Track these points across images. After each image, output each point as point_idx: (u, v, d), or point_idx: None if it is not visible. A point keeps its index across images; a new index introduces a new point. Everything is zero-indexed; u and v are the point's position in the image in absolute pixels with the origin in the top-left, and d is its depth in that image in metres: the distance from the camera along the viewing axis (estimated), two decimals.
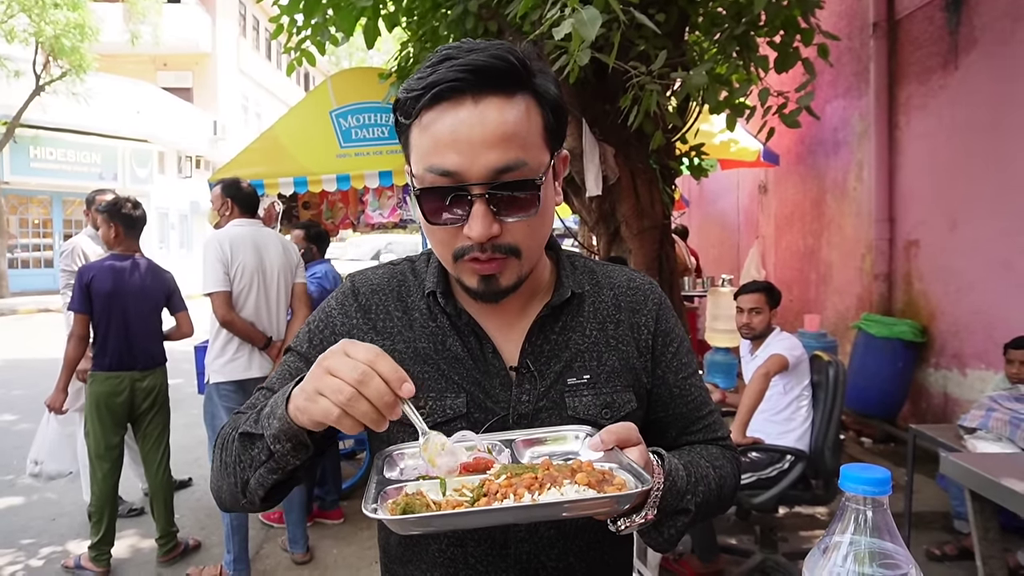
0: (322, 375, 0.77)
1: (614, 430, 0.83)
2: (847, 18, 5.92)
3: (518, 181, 0.86)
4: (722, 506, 1.06)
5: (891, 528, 0.59)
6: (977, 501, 2.37)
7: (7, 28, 13.17)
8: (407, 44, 4.57)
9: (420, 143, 0.87)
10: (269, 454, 0.85)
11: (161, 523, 3.63)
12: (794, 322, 6.37)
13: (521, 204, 0.87)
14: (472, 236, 0.86)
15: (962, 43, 4.66)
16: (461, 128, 0.84)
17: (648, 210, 4.05)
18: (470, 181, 0.84)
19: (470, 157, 0.83)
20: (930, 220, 5.06)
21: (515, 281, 0.93)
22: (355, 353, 0.77)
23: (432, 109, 0.85)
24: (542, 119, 0.90)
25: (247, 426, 0.88)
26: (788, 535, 3.73)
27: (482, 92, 0.84)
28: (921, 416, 5.12)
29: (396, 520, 0.73)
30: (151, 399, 3.59)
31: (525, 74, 0.87)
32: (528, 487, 0.75)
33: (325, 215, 6.69)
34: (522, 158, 0.86)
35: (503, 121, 0.84)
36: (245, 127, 24.21)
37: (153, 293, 3.59)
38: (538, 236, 0.93)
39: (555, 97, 0.92)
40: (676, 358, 1.07)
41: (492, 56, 0.84)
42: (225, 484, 0.94)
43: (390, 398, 0.75)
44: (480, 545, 0.97)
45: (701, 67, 3.10)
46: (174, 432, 3.83)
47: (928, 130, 5.04)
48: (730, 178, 8.68)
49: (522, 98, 0.87)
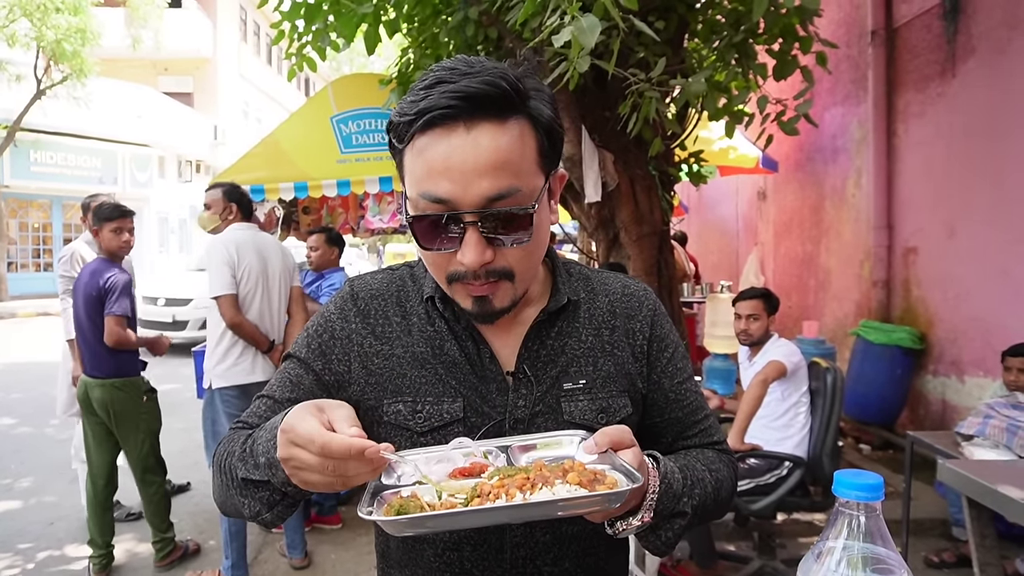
0: (296, 471, 0.78)
1: (608, 432, 0.84)
2: (845, 26, 5.95)
3: (511, 209, 0.86)
4: (719, 509, 1.06)
5: (884, 534, 0.59)
6: (974, 508, 2.37)
7: (9, 32, 13.21)
8: (407, 50, 4.58)
9: (414, 168, 0.88)
10: (283, 495, 0.87)
11: (153, 528, 3.63)
12: (792, 328, 6.37)
13: (514, 230, 0.87)
14: (465, 263, 0.87)
15: (960, 51, 4.68)
16: (454, 155, 0.84)
17: (647, 216, 4.06)
18: (463, 209, 0.85)
19: (463, 185, 0.84)
20: (928, 227, 5.07)
21: (509, 303, 0.93)
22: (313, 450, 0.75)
23: (425, 134, 0.85)
24: (536, 143, 0.90)
25: (247, 471, 0.88)
26: (786, 541, 3.73)
27: (474, 118, 0.84)
28: (919, 423, 5.12)
29: (390, 521, 0.73)
30: (104, 411, 3.48)
31: (518, 99, 0.87)
32: (520, 487, 0.76)
33: (325, 220, 6.70)
34: (515, 185, 0.86)
35: (496, 148, 0.84)
36: (245, 132, 24.23)
37: (96, 296, 3.46)
38: (532, 259, 0.93)
39: (549, 119, 0.91)
40: (671, 363, 1.08)
41: (485, 82, 0.84)
42: (231, 504, 0.94)
43: (368, 475, 0.77)
44: (476, 549, 0.98)
45: (700, 74, 3.12)
46: (172, 436, 3.84)
47: (926, 137, 5.06)
48: (729, 184, 8.70)
49: (516, 123, 0.87)
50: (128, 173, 18.70)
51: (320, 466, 0.74)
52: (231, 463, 0.91)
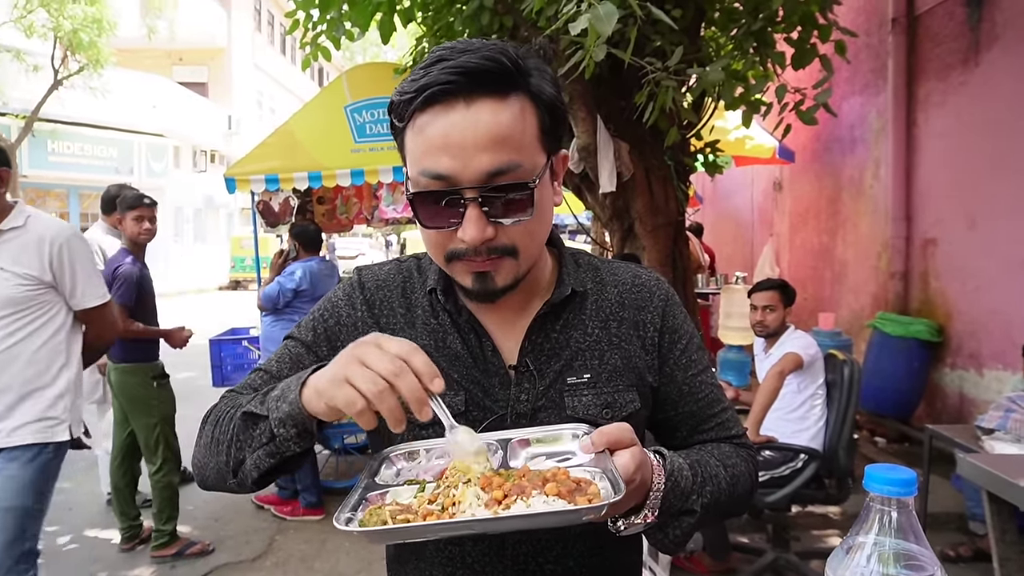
0: (353, 363, 0.76)
1: (606, 431, 0.81)
2: (865, 14, 5.86)
3: (511, 184, 0.85)
4: (736, 506, 1.03)
5: (916, 529, 0.58)
6: (995, 503, 2.35)
7: (26, 23, 13.30)
8: (422, 39, 4.57)
9: (414, 146, 0.87)
10: (271, 436, 0.83)
11: (153, 516, 3.66)
12: (808, 320, 6.32)
13: (515, 207, 0.86)
14: (466, 240, 0.85)
15: (983, 39, 4.60)
16: (453, 131, 0.83)
17: (662, 207, 4.03)
18: (463, 185, 0.84)
19: (462, 161, 0.83)
20: (948, 219, 5.00)
21: (511, 281, 0.91)
22: (389, 347, 0.76)
23: (425, 112, 0.84)
24: (537, 120, 0.88)
25: (252, 406, 0.87)
26: (800, 534, 3.71)
27: (474, 94, 0.83)
28: (936, 416, 5.07)
29: (361, 532, 0.73)
30: (117, 394, 3.67)
31: (519, 75, 0.86)
32: (497, 500, 0.74)
33: (339, 210, 6.72)
34: (516, 160, 0.84)
35: (496, 123, 0.83)
36: (260, 122, 24.33)
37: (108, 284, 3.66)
38: (535, 237, 0.92)
39: (551, 97, 0.90)
40: (684, 355, 1.04)
41: (484, 57, 0.83)
42: (213, 461, 0.92)
43: (421, 394, 0.74)
44: (477, 545, 0.96)
45: (717, 63, 3.07)
46: (187, 424, 3.86)
47: (947, 128, 4.99)
48: (745, 175, 8.62)
49: (516, 99, 0.86)
50: (144, 163, 18.84)
51: (387, 361, 0.74)
52: (231, 413, 0.90)
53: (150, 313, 3.68)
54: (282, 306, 4.37)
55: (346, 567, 3.59)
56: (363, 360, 0.75)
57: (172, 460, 3.67)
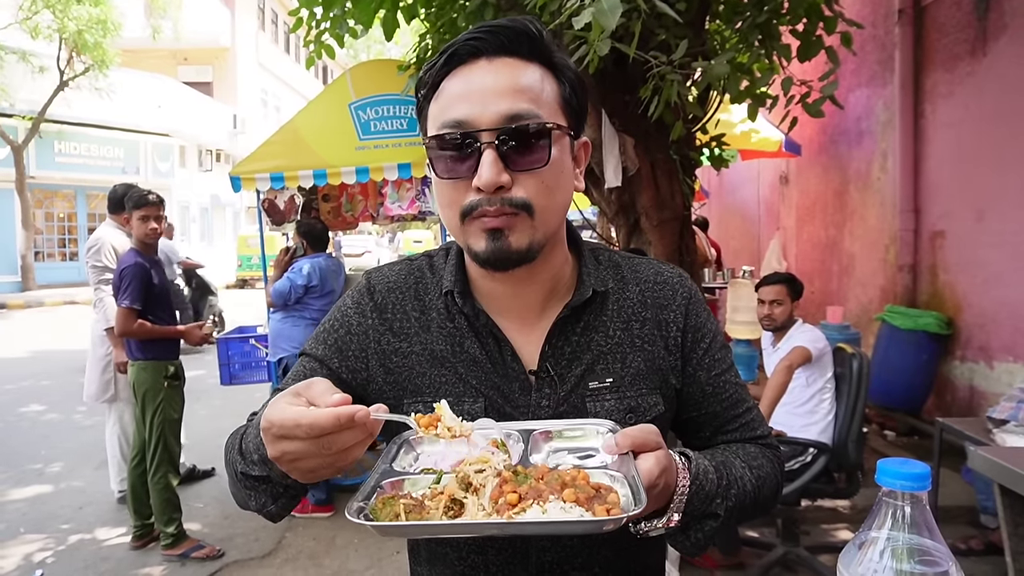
0: (292, 466, 0.72)
1: (630, 434, 0.79)
2: (871, 5, 5.81)
3: (528, 129, 0.84)
4: (760, 508, 1.00)
5: (930, 524, 0.57)
6: (1007, 496, 2.33)
7: (31, 24, 13.37)
8: (425, 36, 4.55)
9: (435, 109, 0.88)
10: (284, 488, 0.84)
11: (154, 516, 3.68)
12: (816, 314, 6.29)
13: (532, 155, 0.85)
14: (480, 184, 0.83)
15: (991, 29, 4.55)
16: (473, 82, 0.84)
17: (668, 201, 4.01)
18: (480, 128, 0.83)
19: (481, 105, 0.83)
20: (956, 211, 4.97)
21: (527, 244, 0.86)
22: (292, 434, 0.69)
23: (448, 78, 0.86)
24: (559, 89, 0.89)
25: (248, 468, 0.84)
26: (810, 528, 3.70)
27: (498, 53, 0.85)
28: (946, 409, 5.04)
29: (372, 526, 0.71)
30: (133, 390, 3.70)
31: (542, 43, 0.87)
32: (511, 504, 0.73)
33: (344, 208, 6.71)
34: (534, 110, 0.84)
35: (517, 75, 0.85)
36: (264, 121, 24.37)
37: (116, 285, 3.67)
38: (552, 196, 0.88)
39: (573, 77, 0.90)
40: (708, 355, 1.01)
41: (510, 22, 0.86)
42: (240, 497, 0.91)
43: (364, 435, 0.70)
44: (500, 554, 0.95)
45: (722, 56, 3.05)
46: (197, 423, 3.88)
47: (954, 119, 4.95)
48: (751, 168, 8.58)
49: (538, 67, 0.87)
50: (150, 163, 18.91)
51: (315, 449, 0.68)
52: (232, 457, 0.90)
53: (166, 310, 3.70)
54: (292, 302, 4.40)
55: (355, 564, 3.60)
56: (296, 459, 0.70)
57: (168, 463, 3.63)
